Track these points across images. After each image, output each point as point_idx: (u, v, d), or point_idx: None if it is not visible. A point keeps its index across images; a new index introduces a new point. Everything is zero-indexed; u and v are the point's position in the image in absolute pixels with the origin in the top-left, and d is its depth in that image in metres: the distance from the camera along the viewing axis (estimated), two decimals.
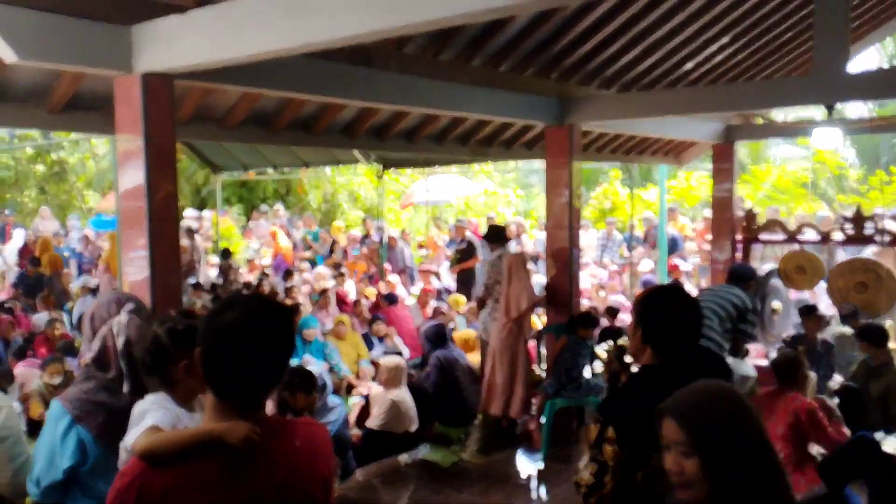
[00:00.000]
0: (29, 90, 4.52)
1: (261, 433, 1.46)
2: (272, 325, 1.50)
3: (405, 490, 5.00)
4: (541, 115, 5.92)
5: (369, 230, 12.66)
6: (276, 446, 1.50)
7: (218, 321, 1.47)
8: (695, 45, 6.26)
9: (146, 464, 1.47)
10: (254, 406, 1.51)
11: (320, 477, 1.58)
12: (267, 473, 1.47)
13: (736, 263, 6.75)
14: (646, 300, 2.24)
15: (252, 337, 1.46)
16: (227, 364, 1.46)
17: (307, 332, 6.70)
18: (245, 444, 1.43)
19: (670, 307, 2.18)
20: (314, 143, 6.66)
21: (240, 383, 1.48)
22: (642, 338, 2.16)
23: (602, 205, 14.99)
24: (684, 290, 2.35)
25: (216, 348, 1.47)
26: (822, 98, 5.50)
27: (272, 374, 1.52)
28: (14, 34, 2.97)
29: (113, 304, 2.30)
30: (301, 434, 1.58)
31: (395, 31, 2.74)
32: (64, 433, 2.11)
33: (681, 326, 2.15)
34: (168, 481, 1.42)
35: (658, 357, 2.13)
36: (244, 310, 1.49)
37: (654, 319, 2.17)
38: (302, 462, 1.54)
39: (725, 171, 8.14)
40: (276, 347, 1.51)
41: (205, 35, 3.16)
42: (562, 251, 6.11)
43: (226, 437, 1.44)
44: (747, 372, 5.20)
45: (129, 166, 3.50)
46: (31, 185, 17.12)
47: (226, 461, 1.44)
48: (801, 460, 3.98)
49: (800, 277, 7.31)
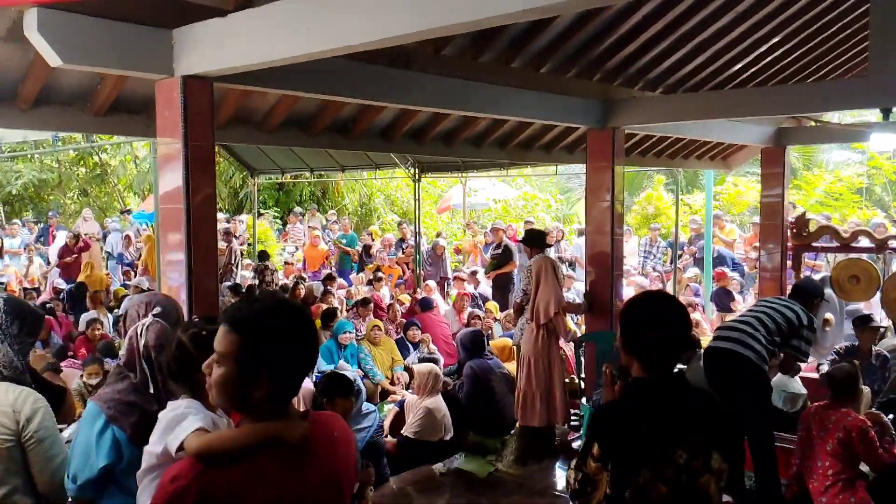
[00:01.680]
0: (73, 94, 4.60)
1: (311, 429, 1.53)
2: (298, 323, 1.54)
3: (440, 500, 4.92)
4: (583, 118, 5.81)
5: (405, 234, 12.63)
6: (321, 439, 1.57)
7: (261, 321, 1.50)
8: (743, 46, 6.06)
9: (203, 465, 1.46)
10: (287, 405, 1.55)
11: (354, 463, 1.68)
12: (316, 466, 1.54)
13: (804, 278, 6.45)
14: (624, 310, 2.12)
15: (286, 336, 1.51)
16: (280, 363, 1.50)
17: (343, 336, 6.68)
18: (303, 440, 1.50)
19: (648, 316, 2.04)
20: (352, 146, 6.67)
21: (287, 385, 1.53)
22: (626, 350, 2.05)
23: (645, 210, 14.73)
24: (669, 296, 2.20)
25: (265, 349, 1.49)
26: (877, 101, 5.27)
27: (303, 371, 1.57)
28: (58, 38, 3.02)
29: (143, 305, 2.31)
30: (335, 425, 1.66)
31: (435, 31, 2.69)
32: (99, 433, 2.13)
33: (661, 335, 2.00)
34: (226, 482, 1.43)
35: (645, 369, 2.01)
36: (272, 310, 1.52)
37: (634, 330, 2.05)
38: (341, 451, 1.62)
39: (775, 176, 7.89)
40: (306, 344, 1.55)
41: (245, 38, 3.16)
42: (602, 257, 5.97)
43: (285, 436, 1.49)
44: (798, 389, 4.97)
45: (168, 169, 3.52)
46: (74, 188, 17.61)
47: (280, 457, 1.48)
48: (852, 478, 3.86)
49: (853, 288, 7.00)
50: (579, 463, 2.00)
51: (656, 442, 1.91)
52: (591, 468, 1.95)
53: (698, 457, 1.91)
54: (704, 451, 1.92)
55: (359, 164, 10.62)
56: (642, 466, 1.89)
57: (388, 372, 6.92)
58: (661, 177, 15.25)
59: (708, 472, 1.93)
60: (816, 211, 12.05)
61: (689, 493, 1.91)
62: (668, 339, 2.00)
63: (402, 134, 6.57)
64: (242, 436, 1.51)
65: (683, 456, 1.90)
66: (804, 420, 4.08)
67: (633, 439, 1.93)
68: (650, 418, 1.95)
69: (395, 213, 17.78)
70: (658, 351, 2.00)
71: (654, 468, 1.89)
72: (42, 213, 16.61)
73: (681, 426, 1.93)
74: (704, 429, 1.96)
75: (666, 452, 1.90)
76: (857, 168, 15.81)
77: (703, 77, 6.46)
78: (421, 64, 4.56)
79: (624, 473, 1.90)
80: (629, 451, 1.91)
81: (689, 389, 2.05)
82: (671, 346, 2.00)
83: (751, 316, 4.53)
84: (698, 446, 1.92)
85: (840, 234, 7.25)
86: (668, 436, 1.91)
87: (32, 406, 2.33)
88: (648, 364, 2.00)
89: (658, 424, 1.93)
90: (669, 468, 1.89)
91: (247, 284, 9.66)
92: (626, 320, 2.10)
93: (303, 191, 17.15)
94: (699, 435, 1.94)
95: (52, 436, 2.36)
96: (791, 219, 7.76)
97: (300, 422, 1.52)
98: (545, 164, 9.62)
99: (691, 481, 1.91)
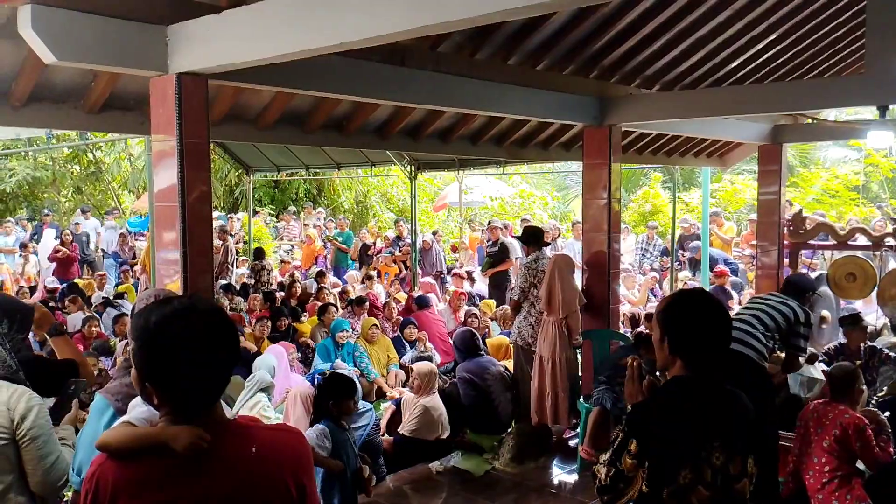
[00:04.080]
0: (66, 91, 4.56)
1: (210, 439, 1.45)
2: (196, 329, 1.46)
3: (436, 498, 4.91)
4: (579, 116, 5.79)
5: (402, 232, 12.61)
6: (229, 452, 1.49)
7: (154, 327, 1.45)
8: (740, 43, 6.06)
9: (106, 455, 1.52)
10: (200, 411, 1.49)
11: (280, 485, 1.53)
12: (217, 478, 1.47)
13: (795, 274, 6.46)
14: (669, 308, 2.11)
15: (188, 343, 1.44)
16: (165, 372, 1.45)
17: (340, 335, 6.66)
18: (189, 450, 1.44)
19: (697, 314, 2.05)
20: (347, 143, 6.65)
21: (180, 391, 1.47)
22: (670, 349, 2.04)
23: (642, 208, 14.72)
24: (709, 294, 2.21)
25: (151, 356, 1.45)
26: (874, 99, 5.26)
27: (218, 380, 1.50)
28: (52, 35, 2.99)
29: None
30: (261, 440, 1.54)
31: (431, 28, 2.67)
32: (108, 425, 2.17)
33: (710, 334, 2.02)
34: (121, 475, 1.47)
35: (688, 368, 2.01)
36: (175, 314, 1.46)
37: (681, 328, 2.05)
38: (258, 469, 1.50)
39: (772, 174, 7.89)
40: (214, 353, 1.47)
41: (239, 35, 3.14)
42: (599, 255, 5.96)
43: (171, 443, 1.45)
44: (815, 374, 5.07)
45: (163, 166, 3.50)
46: (68, 186, 17.54)
47: (173, 463, 1.45)
48: (848, 475, 3.86)
49: (850, 285, 7.01)
50: (612, 459, 1.98)
51: (697, 442, 1.91)
52: (627, 465, 1.93)
53: (735, 459, 1.92)
54: (742, 454, 1.94)
55: (355, 161, 10.58)
56: (682, 467, 1.88)
57: (383, 370, 6.90)
58: (658, 174, 15.24)
59: (744, 476, 1.94)
60: (813, 208, 12.07)
61: (727, 496, 1.92)
62: (715, 340, 2.02)
63: (397, 131, 6.55)
64: (132, 436, 1.53)
65: (721, 458, 1.91)
66: (802, 417, 4.09)
67: (673, 438, 1.91)
68: (691, 417, 1.94)
69: (392, 210, 17.76)
70: (705, 351, 2.01)
71: (694, 469, 1.89)
72: (36, 211, 16.55)
73: (718, 427, 1.94)
74: (741, 431, 1.97)
75: (705, 453, 1.90)
76: (854, 165, 15.85)
77: (699, 74, 6.44)
78: (416, 61, 4.53)
79: (663, 473, 1.90)
80: (669, 450, 1.90)
81: (726, 390, 2.05)
82: (718, 346, 2.03)
83: (748, 314, 4.51)
84: (736, 448, 1.93)
85: (837, 232, 7.26)
86: (708, 436, 1.92)
87: (27, 404, 2.33)
88: (693, 364, 2.01)
89: (698, 424, 1.93)
90: (708, 470, 1.89)
91: (241, 282, 9.64)
92: (671, 319, 2.08)
93: (298, 188, 17.11)
94: (737, 437, 1.94)
95: (46, 434, 2.36)
96: (788, 216, 7.77)
97: (191, 430, 1.45)
98: (542, 161, 9.61)
99: (727, 484, 1.91)
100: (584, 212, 6.15)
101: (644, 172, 15.82)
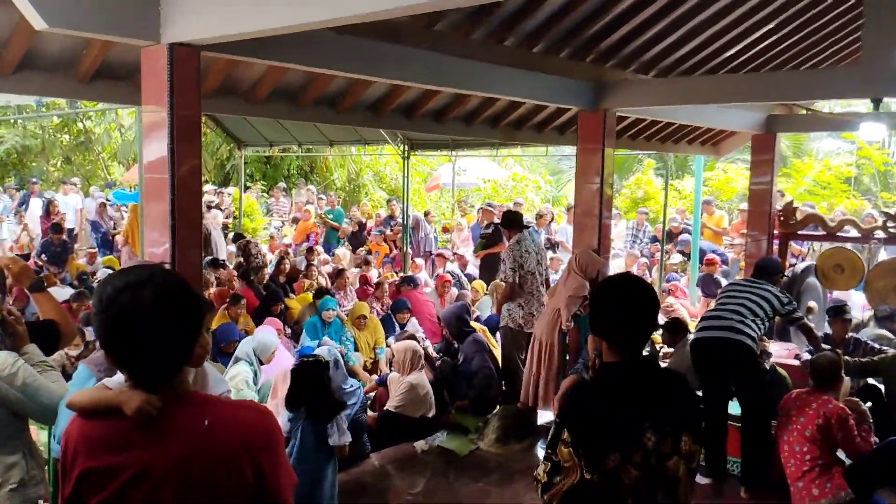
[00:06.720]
0: (57, 59, 4.50)
1: (160, 406, 1.48)
2: (161, 302, 1.47)
3: (420, 477, 4.94)
4: (574, 99, 5.77)
5: (394, 211, 12.57)
6: (181, 422, 1.50)
7: (107, 298, 1.47)
8: (737, 31, 6.04)
9: (77, 415, 1.59)
10: (157, 380, 1.51)
11: (231, 462, 1.50)
12: (165, 448, 1.48)
13: (764, 258, 6.53)
14: (594, 294, 2.15)
15: (138, 314, 1.45)
16: (116, 341, 1.49)
17: (326, 313, 6.64)
18: (137, 414, 1.47)
19: (620, 298, 2.03)
20: (340, 120, 6.59)
21: (131, 360, 1.51)
22: (593, 331, 2.06)
23: (634, 194, 14.73)
24: (637, 278, 2.17)
25: (103, 325, 1.48)
26: (869, 91, 5.28)
27: (172, 352, 1.51)
28: (44, 1, 2.92)
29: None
30: (218, 414, 1.53)
31: (427, 6, 2.65)
32: None
33: (633, 319, 1.99)
34: (81, 434, 1.53)
35: (617, 352, 2.00)
36: (127, 285, 1.46)
37: (603, 312, 2.05)
38: (208, 443, 1.49)
39: (765, 163, 7.91)
40: (166, 325, 1.48)
41: (233, 6, 3.09)
42: (590, 240, 5.97)
43: (122, 406, 1.49)
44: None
45: (153, 138, 3.46)
46: (58, 155, 17.36)
47: (127, 427, 1.49)
48: (829, 464, 3.92)
49: (838, 277, 7.07)
50: (548, 453, 1.97)
51: (625, 425, 1.90)
52: (563, 454, 1.92)
53: (666, 439, 1.91)
54: (673, 434, 1.93)
55: (348, 139, 10.51)
56: (611, 450, 1.87)
57: (371, 353, 6.91)
58: (652, 161, 15.25)
59: (676, 455, 1.93)
60: (804, 199, 12.12)
61: (659, 475, 1.91)
62: (631, 321, 1.99)
63: (391, 109, 6.50)
64: (94, 398, 1.59)
65: (652, 439, 1.90)
66: (784, 406, 4.14)
67: (601, 423, 1.91)
68: (619, 401, 1.94)
69: (384, 189, 17.69)
70: (621, 333, 1.99)
71: (623, 452, 1.88)
72: (25, 179, 16.39)
73: (649, 409, 1.93)
74: (673, 411, 1.96)
75: (635, 436, 1.89)
76: (846, 157, 15.88)
77: (695, 61, 6.43)
78: (411, 39, 4.49)
79: (594, 458, 1.88)
80: (599, 435, 1.90)
81: (658, 372, 2.05)
82: (635, 328, 2.00)
83: (735, 303, 4.64)
84: (667, 429, 1.92)
85: (826, 223, 7.31)
86: (637, 419, 1.91)
87: (10, 370, 2.39)
88: (615, 346, 2.00)
89: (627, 408, 1.93)
90: (639, 452, 1.89)
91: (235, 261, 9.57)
92: (593, 302, 2.13)
93: (290, 165, 17.00)
94: (668, 418, 1.93)
95: (35, 381, 2.44)
96: (779, 207, 7.80)
97: (142, 396, 1.48)
98: (536, 144, 9.58)
99: (660, 464, 1.91)
100: (577, 195, 6.16)
101: (637, 159, 15.80)
